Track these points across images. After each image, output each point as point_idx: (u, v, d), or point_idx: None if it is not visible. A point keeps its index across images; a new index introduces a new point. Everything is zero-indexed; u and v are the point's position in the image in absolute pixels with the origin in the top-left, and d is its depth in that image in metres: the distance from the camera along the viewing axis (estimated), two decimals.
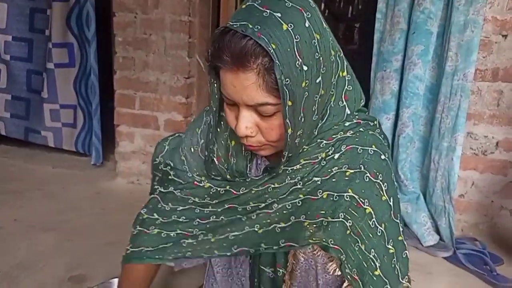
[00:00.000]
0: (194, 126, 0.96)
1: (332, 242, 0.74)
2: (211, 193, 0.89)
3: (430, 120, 1.76)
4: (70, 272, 1.42)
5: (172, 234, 0.91)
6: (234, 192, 0.86)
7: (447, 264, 1.61)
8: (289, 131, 0.71)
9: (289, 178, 0.81)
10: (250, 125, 0.73)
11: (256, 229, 0.82)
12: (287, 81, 0.66)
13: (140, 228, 0.95)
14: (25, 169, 2.36)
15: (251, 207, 0.85)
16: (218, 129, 0.88)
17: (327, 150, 0.79)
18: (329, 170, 0.78)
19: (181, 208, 0.92)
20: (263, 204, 0.83)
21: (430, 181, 1.72)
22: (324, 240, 0.74)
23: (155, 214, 0.95)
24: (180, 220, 0.91)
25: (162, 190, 0.97)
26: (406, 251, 0.83)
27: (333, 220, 0.75)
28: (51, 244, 1.59)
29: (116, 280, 1.29)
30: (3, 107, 2.59)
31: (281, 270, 0.88)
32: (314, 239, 0.75)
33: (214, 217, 0.89)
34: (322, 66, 0.71)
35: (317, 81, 0.71)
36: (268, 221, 0.81)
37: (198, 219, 0.90)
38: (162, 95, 2.11)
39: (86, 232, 1.70)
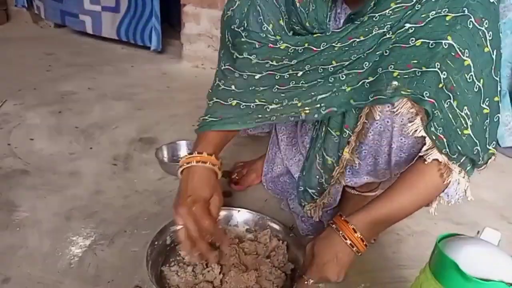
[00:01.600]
0: None
1: (427, 95, 0.67)
2: (289, 53, 0.81)
3: None
4: (140, 134, 1.48)
5: (252, 106, 0.85)
6: (315, 49, 0.79)
7: None
8: None
9: (377, 28, 0.72)
10: None
11: (344, 88, 0.77)
12: None
13: (216, 100, 0.89)
14: (96, 47, 2.42)
15: (334, 67, 0.78)
16: None
17: None
18: (425, 15, 0.68)
19: (258, 76, 0.85)
20: (347, 63, 0.76)
21: None
22: (418, 92, 0.67)
23: (232, 86, 0.88)
24: (259, 89, 0.85)
25: (238, 55, 0.88)
26: (498, 115, 0.74)
27: (427, 69, 0.67)
28: (122, 110, 1.66)
29: (183, 142, 1.33)
30: None
31: (347, 132, 0.84)
32: (405, 91, 0.69)
33: (294, 82, 0.82)
34: None
35: None
36: (357, 78, 0.75)
37: (277, 86, 0.84)
38: None
39: (154, 104, 1.75)
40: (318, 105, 0.79)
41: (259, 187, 1.22)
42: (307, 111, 0.80)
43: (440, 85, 0.67)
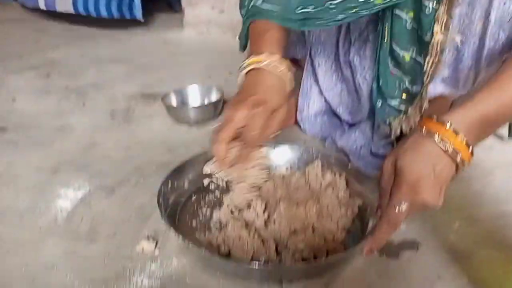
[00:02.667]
0: None
1: None
2: None
3: None
4: (142, 90, 1.25)
5: None
6: None
7: None
8: None
9: None
10: None
11: None
12: None
13: None
14: (90, 22, 2.19)
15: None
16: None
17: None
18: None
19: None
20: None
21: None
22: None
23: None
24: None
25: None
26: None
27: None
28: (120, 71, 1.43)
29: (195, 86, 1.10)
30: None
31: (429, 4, 0.60)
32: None
33: None
34: None
35: None
36: None
37: None
38: None
39: (156, 66, 1.52)
40: None
41: (294, 128, 0.99)
42: None
43: None
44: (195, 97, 1.08)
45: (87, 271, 0.56)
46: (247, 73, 0.62)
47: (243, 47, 0.76)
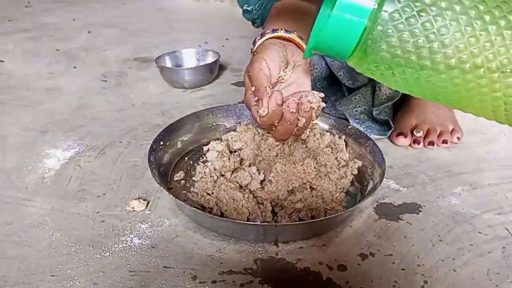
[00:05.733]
0: None
1: None
2: None
3: None
4: (135, 54, 1.21)
5: None
6: None
7: None
8: None
9: None
10: None
11: None
12: None
13: None
14: None
15: None
16: None
17: None
18: None
19: None
20: None
21: None
22: None
23: None
24: None
25: None
26: None
27: None
28: (113, 36, 1.39)
29: (190, 50, 1.06)
30: None
31: None
32: None
33: None
34: None
35: None
36: None
37: None
38: None
39: (151, 32, 1.46)
40: None
41: None
42: None
43: None
44: (190, 60, 1.04)
45: (74, 229, 0.54)
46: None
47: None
